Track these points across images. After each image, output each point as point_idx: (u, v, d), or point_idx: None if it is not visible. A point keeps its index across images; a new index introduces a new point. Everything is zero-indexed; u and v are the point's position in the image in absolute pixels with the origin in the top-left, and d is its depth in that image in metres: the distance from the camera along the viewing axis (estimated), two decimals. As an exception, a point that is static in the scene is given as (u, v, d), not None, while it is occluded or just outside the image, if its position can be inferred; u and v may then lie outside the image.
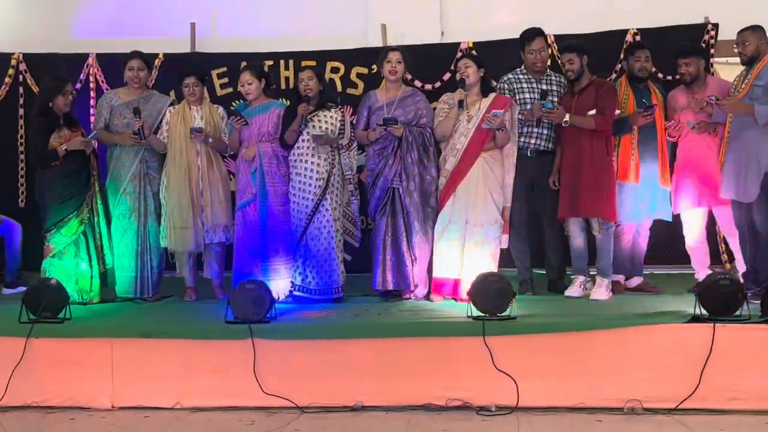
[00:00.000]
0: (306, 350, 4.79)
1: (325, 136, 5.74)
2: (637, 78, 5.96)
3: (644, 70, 5.95)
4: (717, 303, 4.65)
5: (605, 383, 4.60)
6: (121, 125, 6.12)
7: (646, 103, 5.78)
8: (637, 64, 5.94)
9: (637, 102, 5.87)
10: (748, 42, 5.46)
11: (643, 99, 5.87)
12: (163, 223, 6.07)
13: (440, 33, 7.53)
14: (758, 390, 4.51)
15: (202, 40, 7.45)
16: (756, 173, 5.29)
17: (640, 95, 5.92)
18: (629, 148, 5.84)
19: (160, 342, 4.86)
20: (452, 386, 4.67)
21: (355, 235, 6.10)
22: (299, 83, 5.86)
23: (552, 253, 6.10)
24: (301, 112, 5.72)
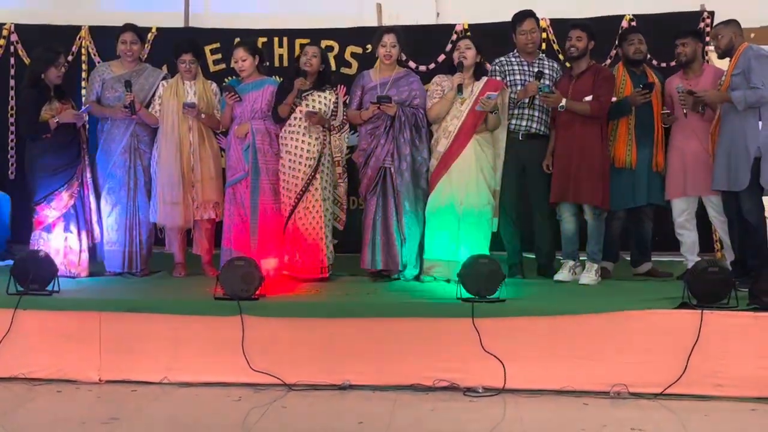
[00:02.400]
0: (294, 328, 4.80)
1: (318, 115, 5.72)
2: (633, 62, 5.95)
3: (639, 52, 5.94)
4: (705, 290, 4.67)
5: (592, 367, 4.63)
6: (112, 98, 6.08)
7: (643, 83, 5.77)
8: (631, 47, 5.94)
9: (635, 86, 5.86)
10: (721, 36, 5.50)
11: (640, 84, 5.85)
12: (153, 198, 6.04)
13: (435, 14, 7.50)
14: (743, 377, 4.55)
15: (195, 15, 7.40)
16: (745, 160, 5.31)
17: (638, 80, 5.91)
18: (626, 133, 5.85)
19: (148, 317, 4.85)
20: (440, 367, 4.69)
21: (340, 218, 6.08)
22: (303, 56, 5.82)
23: (542, 237, 6.10)
24: (297, 86, 5.69)
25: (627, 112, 5.82)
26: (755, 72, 5.30)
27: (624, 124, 5.86)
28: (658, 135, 5.90)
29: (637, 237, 6.15)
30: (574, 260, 5.84)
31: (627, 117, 5.84)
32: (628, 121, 5.85)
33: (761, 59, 5.35)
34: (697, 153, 5.74)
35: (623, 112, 5.81)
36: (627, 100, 5.79)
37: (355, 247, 6.10)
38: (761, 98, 5.29)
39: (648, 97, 5.72)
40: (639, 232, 6.13)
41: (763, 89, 5.28)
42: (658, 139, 5.90)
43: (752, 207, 5.36)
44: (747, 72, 5.33)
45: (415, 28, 7.07)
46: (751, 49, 5.41)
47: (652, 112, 5.88)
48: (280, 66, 6.90)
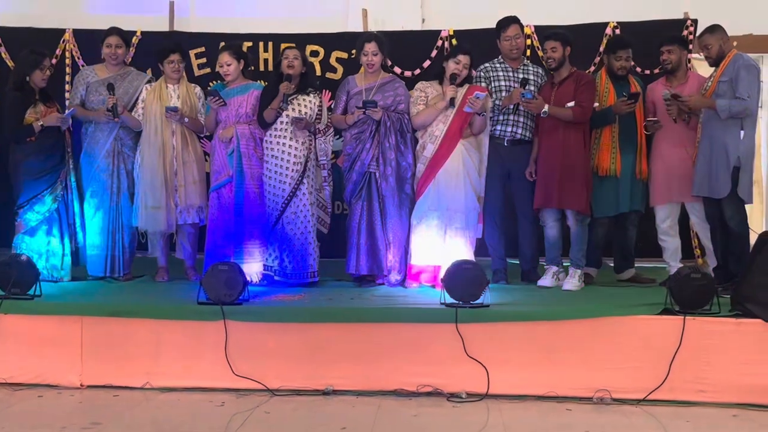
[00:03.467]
0: (278, 333, 4.78)
1: (304, 120, 5.72)
2: (616, 75, 5.98)
3: (623, 69, 5.96)
4: (688, 296, 4.70)
5: (575, 373, 4.64)
6: (96, 102, 6.06)
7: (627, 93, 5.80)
8: (617, 62, 5.95)
9: (618, 95, 5.89)
10: (710, 45, 5.52)
11: (623, 92, 5.88)
12: (136, 202, 6.01)
13: (421, 20, 7.51)
14: (725, 383, 4.57)
15: (180, 19, 7.38)
16: (725, 169, 5.35)
17: (621, 88, 5.94)
18: (609, 141, 5.87)
19: (131, 321, 4.83)
20: (423, 372, 4.69)
21: (325, 222, 6.06)
22: (283, 59, 5.82)
23: (526, 242, 6.11)
24: (283, 90, 5.69)
25: (611, 120, 5.84)
26: (743, 82, 5.32)
27: (608, 132, 5.88)
28: (642, 143, 5.93)
29: (621, 243, 6.18)
30: (557, 266, 5.86)
31: (611, 125, 5.87)
32: (611, 129, 5.88)
33: (750, 70, 5.37)
34: (681, 160, 5.76)
35: (607, 120, 5.84)
36: (611, 109, 5.81)
37: (339, 252, 6.09)
38: (745, 110, 5.32)
39: (632, 106, 5.74)
40: (622, 239, 6.15)
41: (749, 101, 5.31)
42: (641, 147, 5.93)
43: (734, 214, 5.39)
44: (735, 81, 5.35)
45: (401, 33, 7.08)
46: (741, 58, 5.43)
47: (636, 120, 5.90)
48: (265, 70, 6.88)
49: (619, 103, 5.76)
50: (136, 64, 6.54)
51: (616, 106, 5.77)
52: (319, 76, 6.90)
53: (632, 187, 5.93)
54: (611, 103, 5.87)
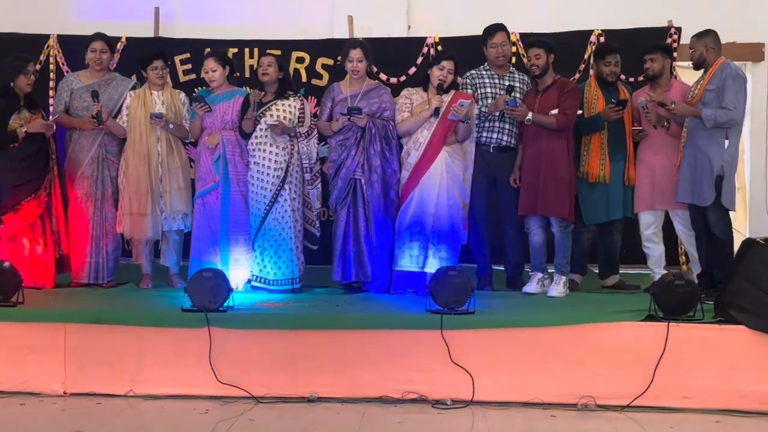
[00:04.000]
0: (262, 340, 4.78)
1: (280, 125, 5.71)
2: (605, 81, 6.01)
3: (613, 75, 6.00)
4: (672, 303, 4.73)
5: (560, 379, 4.66)
6: (81, 108, 6.03)
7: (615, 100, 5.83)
8: (606, 68, 5.98)
9: (607, 102, 5.91)
10: (693, 49, 5.57)
11: (612, 100, 5.92)
12: (120, 209, 5.99)
13: (407, 27, 7.53)
14: (709, 389, 4.60)
15: (165, 25, 7.35)
16: (709, 176, 5.38)
17: (609, 95, 5.97)
18: (599, 148, 5.89)
19: (114, 328, 4.81)
20: (408, 379, 4.69)
21: (314, 223, 6.05)
22: (258, 66, 5.83)
23: (511, 249, 6.12)
24: (252, 99, 5.69)
25: (600, 127, 5.86)
26: (729, 93, 5.34)
27: (597, 140, 5.90)
28: (630, 149, 5.96)
29: (606, 249, 6.19)
30: (542, 272, 5.87)
31: (600, 132, 5.89)
32: (600, 136, 5.90)
33: (737, 80, 5.39)
34: (665, 167, 5.79)
35: (596, 127, 5.86)
36: (600, 115, 5.83)
37: (325, 259, 6.08)
38: (731, 120, 5.34)
39: (621, 113, 5.77)
40: (608, 245, 6.16)
41: (734, 112, 5.33)
42: (629, 154, 5.96)
43: (718, 221, 5.42)
44: (721, 90, 5.36)
45: (387, 40, 7.10)
46: (729, 67, 5.44)
47: (624, 127, 5.92)
48: (251, 77, 6.86)
49: (607, 110, 5.79)
50: (120, 70, 6.51)
51: (605, 113, 5.80)
52: (305, 82, 6.91)
53: (622, 193, 5.95)
54: (600, 110, 5.89)
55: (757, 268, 4.67)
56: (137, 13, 7.37)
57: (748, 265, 4.72)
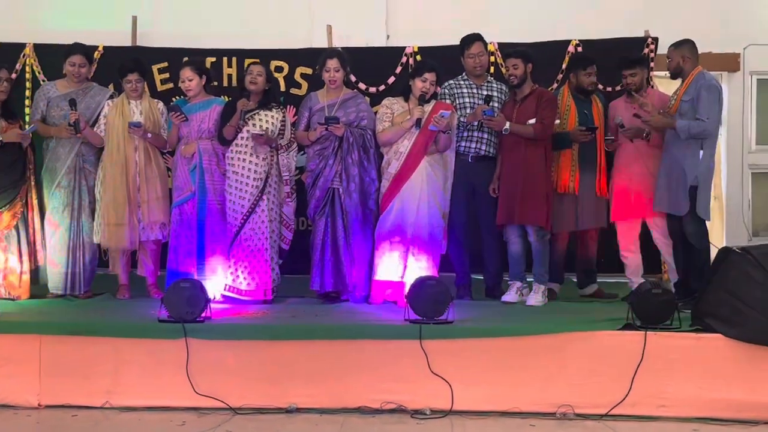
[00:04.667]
0: (240, 351, 4.75)
1: (264, 135, 5.70)
2: (584, 91, 6.04)
3: (593, 85, 6.05)
4: (649, 312, 4.74)
5: (538, 388, 4.66)
6: (58, 117, 5.99)
7: (590, 123, 5.90)
8: (587, 79, 6.02)
9: (579, 113, 5.97)
10: (670, 58, 5.62)
11: (584, 111, 5.97)
12: (97, 218, 5.95)
13: (386, 36, 7.53)
14: (686, 398, 4.61)
15: (143, 33, 7.31)
16: (684, 187, 5.42)
17: (582, 107, 6.01)
18: (569, 159, 5.92)
19: (90, 340, 4.77)
20: (387, 389, 4.68)
21: (285, 238, 6.02)
22: (247, 74, 5.80)
23: (490, 258, 6.13)
24: (240, 107, 5.68)
25: (567, 145, 5.91)
26: (703, 103, 5.39)
27: (568, 151, 5.93)
28: (601, 161, 5.99)
29: (583, 259, 6.21)
30: (521, 281, 5.88)
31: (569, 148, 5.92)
32: (572, 148, 5.93)
33: (711, 90, 5.43)
34: (642, 176, 5.82)
35: (564, 144, 5.90)
36: (569, 135, 5.87)
37: (303, 269, 6.06)
38: (704, 131, 5.39)
39: (589, 137, 5.82)
40: (584, 255, 6.19)
41: (708, 123, 5.37)
42: (600, 165, 5.99)
43: (695, 230, 5.46)
44: (696, 101, 5.42)
45: (366, 50, 7.10)
46: (703, 77, 5.49)
47: (596, 139, 5.95)
48: (229, 86, 6.87)
49: (577, 131, 5.85)
50: (98, 79, 6.48)
51: (574, 134, 5.86)
52: (284, 91, 6.89)
53: (592, 204, 5.98)
54: (572, 120, 5.94)
55: (734, 277, 4.69)
56: (114, 22, 7.32)
57: (725, 274, 4.75)
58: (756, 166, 7.70)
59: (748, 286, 4.63)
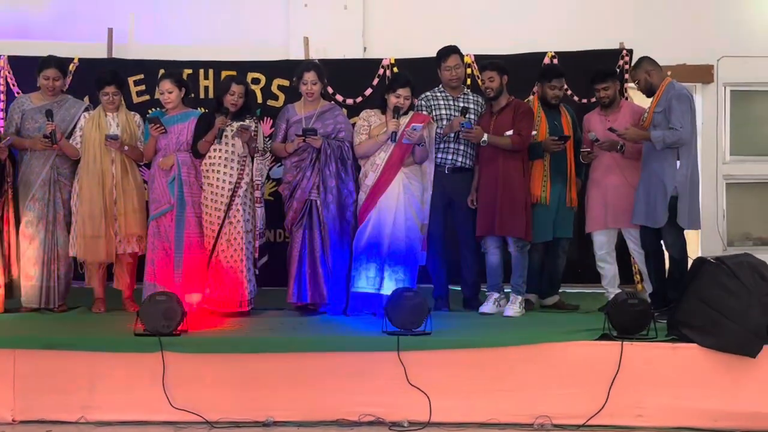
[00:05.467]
0: (217, 364, 4.72)
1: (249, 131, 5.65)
2: (548, 104, 6.08)
3: (556, 98, 6.09)
4: (625, 322, 4.76)
5: (516, 399, 4.67)
6: (33, 129, 5.95)
7: (560, 133, 5.94)
8: (551, 91, 6.07)
9: (549, 124, 6.01)
10: (638, 79, 5.68)
11: (554, 122, 6.01)
12: (73, 231, 5.90)
13: (363, 48, 7.56)
14: (663, 407, 4.64)
15: (119, 45, 7.29)
16: (663, 198, 5.47)
17: (552, 117, 6.06)
18: (541, 170, 5.96)
19: (65, 354, 4.72)
20: (365, 402, 4.67)
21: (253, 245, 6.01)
22: (229, 95, 5.76)
23: (468, 269, 6.14)
24: (218, 126, 5.66)
25: (539, 155, 5.95)
26: (675, 113, 5.44)
27: (540, 162, 5.97)
28: (571, 173, 6.04)
29: (550, 269, 6.23)
30: (499, 292, 5.90)
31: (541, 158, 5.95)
32: (543, 160, 5.97)
33: (682, 99, 5.49)
34: (617, 187, 5.87)
35: (536, 155, 5.94)
36: (541, 145, 5.91)
37: (281, 281, 6.04)
38: (679, 140, 5.44)
39: (561, 147, 5.87)
40: (551, 265, 6.21)
41: (682, 131, 5.42)
42: (570, 177, 6.04)
43: (674, 241, 5.51)
44: (667, 111, 5.47)
45: (343, 61, 7.13)
46: (673, 88, 5.55)
47: (566, 150, 5.99)
48: (205, 98, 6.86)
49: (549, 141, 5.89)
50: (74, 91, 6.44)
51: (546, 144, 5.89)
52: (261, 103, 6.89)
53: (561, 214, 6.02)
54: (543, 129, 5.98)
55: (708, 286, 4.74)
56: (90, 34, 7.29)
57: (700, 284, 4.79)
58: (730, 177, 7.79)
59: (723, 296, 4.67)
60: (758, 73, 7.67)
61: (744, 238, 7.90)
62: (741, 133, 7.88)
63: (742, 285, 4.66)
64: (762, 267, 4.84)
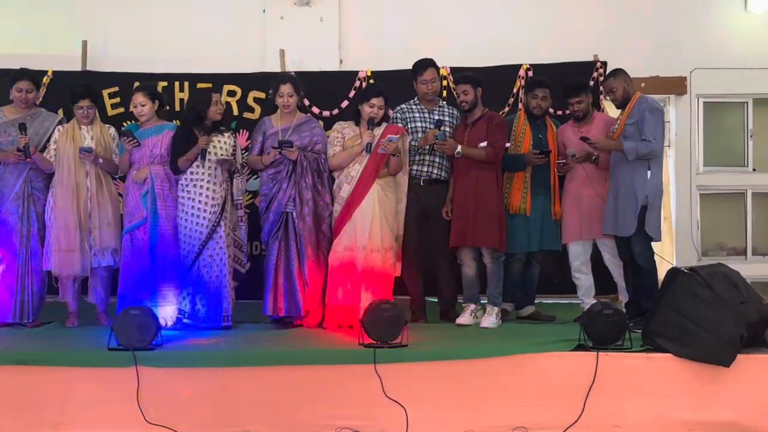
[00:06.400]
0: (192, 378, 4.68)
1: (230, 160, 5.68)
2: (532, 114, 6.12)
3: (539, 108, 6.11)
4: (601, 332, 4.78)
5: (493, 410, 4.67)
6: (5, 143, 5.89)
7: (544, 146, 5.97)
8: (533, 101, 6.10)
9: (534, 137, 6.04)
10: (615, 88, 5.72)
11: (539, 135, 6.04)
12: (48, 245, 5.85)
13: (339, 61, 7.56)
14: (638, 417, 4.65)
15: (93, 58, 7.24)
16: (633, 207, 5.52)
17: (537, 131, 6.09)
18: (522, 180, 5.98)
19: (38, 369, 4.66)
20: (342, 415, 4.64)
21: (242, 261, 6.00)
22: (213, 105, 5.75)
23: (444, 281, 6.14)
24: (202, 145, 5.63)
25: (522, 168, 5.97)
26: (648, 125, 5.50)
27: (521, 173, 5.99)
28: (555, 184, 6.07)
29: (525, 280, 6.24)
30: (475, 304, 5.91)
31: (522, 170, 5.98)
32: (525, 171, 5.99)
33: (654, 112, 5.56)
34: (592, 198, 5.90)
35: (518, 167, 5.96)
36: (523, 157, 5.93)
37: (256, 294, 6.01)
38: (652, 152, 5.50)
39: (543, 160, 5.90)
40: (526, 276, 6.22)
41: (655, 143, 5.49)
42: (554, 188, 6.06)
43: (642, 250, 5.55)
44: (640, 123, 5.53)
45: (319, 74, 7.13)
46: (645, 101, 5.61)
47: (549, 161, 6.02)
48: (181, 110, 6.80)
49: (531, 154, 5.92)
50: (47, 104, 6.40)
51: (528, 157, 5.92)
52: (237, 116, 6.88)
53: (544, 226, 6.04)
54: (526, 143, 6.00)
55: (682, 296, 4.77)
56: (64, 46, 7.23)
57: (673, 294, 4.82)
58: (704, 188, 7.86)
59: (697, 306, 4.70)
60: (731, 84, 7.75)
61: (718, 248, 7.97)
62: (714, 144, 7.96)
63: (715, 295, 4.70)
64: (735, 277, 4.89)
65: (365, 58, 7.29)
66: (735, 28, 7.74)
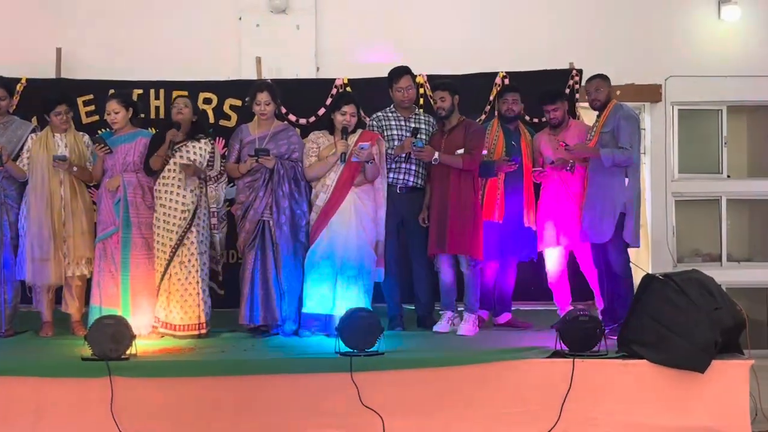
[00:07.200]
0: (167, 388, 4.66)
1: (192, 166, 5.65)
2: (505, 119, 6.14)
3: (510, 111, 6.14)
4: (577, 339, 4.80)
5: (470, 418, 4.68)
6: (-22, 152, 5.83)
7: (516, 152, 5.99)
8: (503, 105, 6.15)
9: (507, 143, 6.06)
10: (601, 89, 5.77)
11: (512, 142, 6.05)
12: (21, 254, 5.79)
13: (315, 68, 7.54)
14: (615, 423, 4.69)
15: (67, 65, 7.18)
16: (611, 214, 5.55)
17: (510, 137, 6.11)
18: (495, 186, 6.00)
19: (11, 380, 4.63)
20: (319, 424, 4.65)
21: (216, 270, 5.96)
22: (173, 107, 5.76)
23: (421, 288, 6.14)
24: (169, 138, 5.61)
25: (493, 174, 5.98)
26: (624, 133, 5.55)
27: (494, 180, 6.01)
28: (529, 192, 6.08)
29: (500, 288, 6.25)
30: (453, 311, 5.90)
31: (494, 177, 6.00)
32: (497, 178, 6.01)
33: (630, 120, 5.61)
34: (567, 206, 5.92)
35: (489, 174, 5.98)
36: (494, 165, 5.95)
37: (233, 302, 5.98)
38: (628, 159, 5.55)
39: (513, 168, 5.93)
40: (501, 283, 6.23)
41: (631, 151, 5.54)
42: (528, 196, 6.08)
43: (618, 257, 5.58)
44: (616, 131, 5.58)
45: (295, 81, 7.10)
46: (621, 109, 5.66)
47: (522, 169, 6.05)
48: (156, 118, 6.77)
49: (502, 162, 5.93)
50: (21, 112, 6.34)
51: (499, 164, 5.93)
52: (213, 123, 6.84)
53: (518, 234, 6.05)
54: (499, 149, 6.03)
55: (657, 303, 4.81)
56: (38, 53, 7.15)
57: (648, 301, 4.85)
58: (679, 194, 7.90)
59: (671, 312, 4.74)
60: (705, 92, 7.81)
61: (693, 254, 8.03)
62: (689, 151, 8.01)
63: (690, 301, 4.73)
64: (710, 283, 4.92)
65: (342, 66, 7.26)
66: (709, 36, 7.81)
